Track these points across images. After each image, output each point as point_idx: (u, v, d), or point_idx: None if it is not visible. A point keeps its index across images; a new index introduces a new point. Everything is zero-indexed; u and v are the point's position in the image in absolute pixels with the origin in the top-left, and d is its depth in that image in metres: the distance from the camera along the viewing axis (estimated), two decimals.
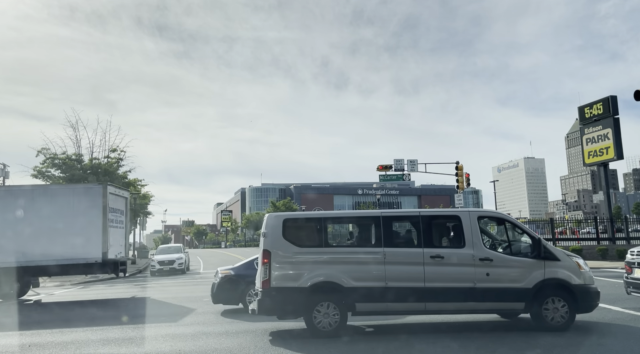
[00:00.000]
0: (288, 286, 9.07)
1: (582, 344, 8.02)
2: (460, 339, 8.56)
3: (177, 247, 33.83)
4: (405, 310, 9.43)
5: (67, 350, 8.72)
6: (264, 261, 9.18)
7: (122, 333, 10.08)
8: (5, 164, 40.56)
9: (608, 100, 30.44)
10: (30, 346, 9.09)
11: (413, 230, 9.78)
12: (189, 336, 9.59)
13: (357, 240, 10.18)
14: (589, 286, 9.14)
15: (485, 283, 8.95)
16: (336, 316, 8.99)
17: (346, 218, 11.49)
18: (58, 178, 38.48)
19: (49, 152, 37.91)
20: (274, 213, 9.90)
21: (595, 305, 9.23)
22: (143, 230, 65.09)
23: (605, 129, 30.54)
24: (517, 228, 9.89)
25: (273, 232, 9.37)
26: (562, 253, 9.38)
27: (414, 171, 35.31)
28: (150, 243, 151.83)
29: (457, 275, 9.03)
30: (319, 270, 9.13)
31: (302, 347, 8.32)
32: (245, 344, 8.64)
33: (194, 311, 12.95)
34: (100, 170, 38.81)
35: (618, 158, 29.98)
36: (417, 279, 9.00)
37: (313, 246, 9.43)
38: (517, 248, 9.56)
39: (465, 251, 9.14)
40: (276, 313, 9.47)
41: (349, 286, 9.00)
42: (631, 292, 11.05)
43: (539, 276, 9.00)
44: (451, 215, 10.23)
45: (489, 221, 12.35)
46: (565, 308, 8.93)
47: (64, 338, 9.86)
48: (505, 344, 8.15)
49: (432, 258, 9.08)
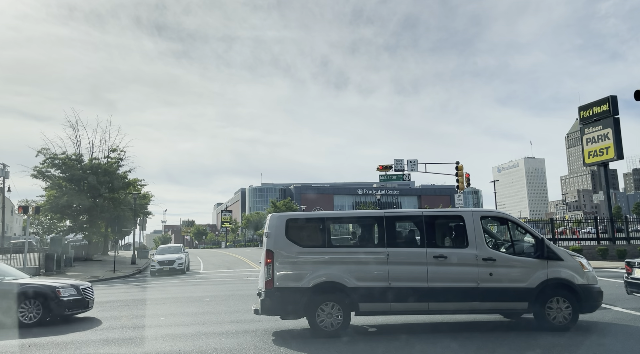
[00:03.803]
0: (291, 286, 9.05)
1: (582, 344, 8.00)
2: (460, 339, 8.54)
3: (177, 247, 33.77)
4: (409, 310, 9.40)
5: (67, 350, 8.69)
6: (267, 262, 9.15)
7: (122, 333, 10.05)
8: (5, 164, 40.56)
9: (608, 100, 30.45)
10: (30, 346, 9.06)
11: (416, 230, 9.76)
12: (189, 336, 9.56)
13: (360, 240, 10.15)
14: (592, 285, 9.12)
15: (488, 283, 8.93)
16: (339, 316, 8.97)
17: (349, 218, 11.46)
18: (58, 178, 38.47)
19: (49, 152, 37.92)
20: (277, 213, 9.86)
21: (598, 305, 9.21)
22: (143, 230, 65.05)
23: (606, 129, 30.54)
24: (520, 228, 9.88)
25: (276, 232, 9.34)
26: (565, 252, 9.36)
27: (414, 171, 35.26)
28: (150, 243, 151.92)
29: (461, 274, 9.00)
30: (322, 270, 9.11)
31: (303, 347, 8.29)
32: (246, 344, 8.61)
33: (194, 311, 12.91)
34: (100, 170, 38.80)
35: (618, 158, 30.00)
36: (421, 279, 8.98)
37: (316, 246, 9.40)
38: (520, 248, 9.53)
39: (469, 251, 9.12)
40: (279, 313, 9.42)
41: (352, 286, 8.98)
42: (631, 292, 11.04)
43: (542, 276, 8.98)
44: (454, 215, 10.21)
45: (491, 221, 12.34)
46: (569, 308, 8.92)
47: (63, 338, 9.83)
48: (505, 344, 8.12)
49: (435, 258, 9.05)
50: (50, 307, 11.48)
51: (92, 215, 39.35)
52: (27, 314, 11.38)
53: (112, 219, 40.33)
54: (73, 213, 39.80)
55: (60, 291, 11.67)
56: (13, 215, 79.65)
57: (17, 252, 30.64)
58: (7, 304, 11.30)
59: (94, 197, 38.75)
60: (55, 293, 11.58)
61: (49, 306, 11.47)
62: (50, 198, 38.00)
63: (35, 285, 11.85)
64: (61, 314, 11.67)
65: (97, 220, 39.99)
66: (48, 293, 11.55)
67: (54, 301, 11.51)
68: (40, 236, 75.55)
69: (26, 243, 27.70)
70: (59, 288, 11.73)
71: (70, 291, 11.89)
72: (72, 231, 42.49)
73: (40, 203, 39.37)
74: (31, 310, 11.39)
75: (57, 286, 11.84)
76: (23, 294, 11.46)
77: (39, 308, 11.43)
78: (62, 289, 11.77)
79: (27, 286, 11.67)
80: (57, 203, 36.86)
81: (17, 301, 11.36)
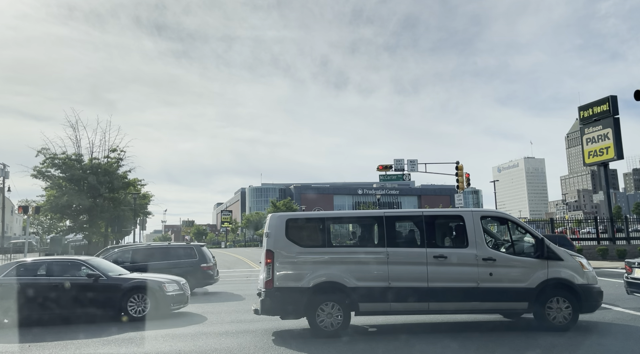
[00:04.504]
0: (291, 286, 9.05)
1: (582, 344, 8.00)
2: (460, 339, 8.54)
3: None
4: (409, 310, 9.39)
5: (67, 350, 8.69)
6: (267, 262, 9.15)
7: (122, 333, 10.05)
8: (5, 164, 40.58)
9: (608, 100, 30.45)
10: (30, 346, 9.06)
11: (416, 230, 9.75)
12: (189, 336, 9.56)
13: (360, 240, 10.15)
14: (592, 285, 9.12)
15: (488, 282, 8.93)
16: (339, 316, 8.97)
17: (349, 218, 11.45)
18: (58, 178, 38.45)
19: (49, 152, 37.86)
20: (277, 213, 9.86)
21: (598, 305, 9.21)
22: (143, 230, 65.16)
23: (606, 129, 30.53)
24: (520, 228, 9.88)
25: (276, 232, 9.34)
26: (565, 252, 9.36)
27: (414, 171, 35.25)
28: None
29: (461, 274, 9.00)
30: (322, 269, 9.11)
31: (303, 347, 8.29)
32: (246, 344, 8.61)
33: (194, 311, 12.91)
34: (100, 170, 38.76)
35: (618, 158, 29.99)
36: (421, 279, 8.98)
37: (316, 246, 9.40)
38: (520, 248, 9.53)
39: (469, 251, 9.12)
40: (279, 313, 9.42)
41: (352, 286, 8.98)
42: (631, 292, 11.03)
43: (542, 276, 8.98)
44: (454, 214, 10.21)
45: (491, 221, 12.33)
46: (569, 308, 8.92)
47: (64, 338, 9.82)
48: (505, 344, 8.12)
49: (435, 258, 9.05)
50: (157, 301, 11.72)
51: (92, 215, 39.33)
52: (135, 309, 11.66)
53: (112, 219, 40.31)
54: (73, 213, 39.77)
55: (166, 286, 11.92)
56: (13, 215, 79.69)
57: (17, 252, 30.67)
58: (118, 298, 11.62)
59: (94, 197, 38.72)
60: (162, 288, 11.84)
61: (157, 301, 11.73)
62: (50, 198, 37.97)
63: (143, 279, 12.13)
64: (167, 309, 11.81)
65: (97, 220, 39.96)
66: (155, 287, 11.82)
67: (161, 295, 11.75)
68: (40, 236, 75.64)
69: (26, 243, 27.76)
70: (165, 283, 11.99)
71: (174, 286, 12.11)
72: (72, 231, 42.46)
73: (40, 203, 39.34)
74: (139, 304, 11.67)
75: (163, 281, 12.11)
76: (132, 289, 11.75)
77: (146, 303, 11.69)
78: (167, 284, 12.03)
79: (135, 281, 11.98)
80: (57, 203, 36.83)
81: (127, 296, 11.65)
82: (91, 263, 12.37)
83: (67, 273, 11.93)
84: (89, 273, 11.84)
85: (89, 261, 12.43)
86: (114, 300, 11.64)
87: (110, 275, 12.04)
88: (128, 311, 11.58)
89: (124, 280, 11.97)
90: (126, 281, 11.90)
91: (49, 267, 12.16)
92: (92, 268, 12.01)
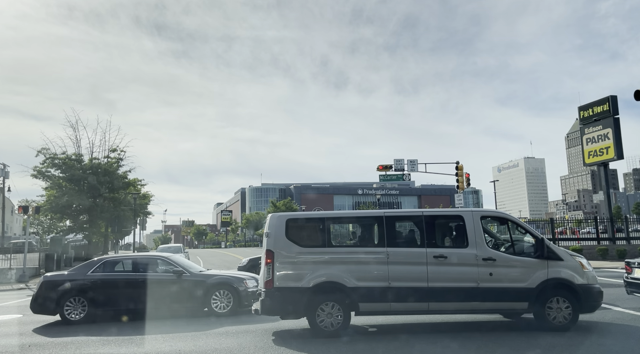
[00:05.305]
0: (291, 286, 9.04)
1: (582, 344, 7.99)
2: (460, 339, 8.53)
3: (177, 247, 33.72)
4: (409, 310, 9.38)
5: (67, 350, 8.69)
6: (267, 262, 9.15)
7: (122, 333, 10.05)
8: (5, 164, 40.59)
9: (608, 100, 30.44)
10: (30, 346, 9.06)
11: (416, 230, 9.74)
12: (189, 336, 9.55)
13: (360, 240, 10.13)
14: (592, 285, 9.11)
15: (488, 282, 8.92)
16: (339, 316, 8.97)
17: (349, 218, 11.43)
18: (58, 178, 38.45)
19: (49, 152, 37.87)
20: (277, 213, 9.85)
21: (598, 305, 9.21)
22: (143, 229, 65.15)
23: (606, 129, 30.53)
24: (520, 228, 9.87)
25: (276, 232, 9.34)
26: (565, 252, 9.35)
27: (414, 171, 35.23)
28: (150, 243, 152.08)
29: (461, 274, 9.00)
30: (322, 269, 9.10)
31: (303, 347, 8.29)
32: (246, 344, 8.61)
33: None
34: (100, 170, 38.76)
35: (618, 158, 29.99)
36: (421, 279, 8.97)
37: (316, 246, 9.39)
38: (520, 248, 9.52)
39: (469, 251, 9.12)
40: (279, 313, 9.42)
41: (352, 286, 8.98)
42: (631, 292, 11.03)
43: (542, 276, 8.98)
44: (454, 214, 10.20)
45: (491, 221, 12.33)
46: (569, 308, 8.91)
47: (64, 337, 9.82)
48: (505, 344, 8.11)
49: (435, 258, 9.05)
50: (240, 298, 11.80)
51: (92, 215, 39.34)
52: (219, 305, 11.79)
53: (112, 219, 40.31)
54: (73, 213, 39.78)
55: (247, 282, 12.00)
56: (13, 215, 79.61)
57: (17, 252, 30.58)
58: (202, 294, 11.75)
59: (94, 197, 38.72)
60: (244, 284, 11.92)
61: (239, 297, 11.80)
62: (50, 198, 37.98)
63: (225, 276, 12.27)
64: (248, 305, 11.83)
65: (97, 220, 39.97)
66: (237, 284, 11.90)
67: (243, 292, 11.84)
68: (40, 236, 75.58)
69: (26, 243, 27.67)
70: (246, 280, 12.08)
71: (253, 282, 12.17)
72: (72, 231, 42.50)
73: (40, 203, 39.33)
74: (222, 300, 11.78)
75: (245, 277, 12.21)
76: (216, 285, 11.86)
77: (229, 299, 11.79)
78: (248, 280, 12.10)
79: (218, 277, 12.12)
80: (57, 203, 36.84)
81: (210, 292, 11.77)
82: (173, 259, 12.51)
83: (151, 270, 12.10)
84: (174, 269, 11.96)
85: (170, 258, 12.56)
86: (198, 296, 11.72)
87: (192, 271, 12.14)
88: (212, 306, 11.68)
89: (207, 276, 12.09)
90: (209, 277, 12.02)
91: (133, 264, 12.32)
92: (175, 265, 12.14)
